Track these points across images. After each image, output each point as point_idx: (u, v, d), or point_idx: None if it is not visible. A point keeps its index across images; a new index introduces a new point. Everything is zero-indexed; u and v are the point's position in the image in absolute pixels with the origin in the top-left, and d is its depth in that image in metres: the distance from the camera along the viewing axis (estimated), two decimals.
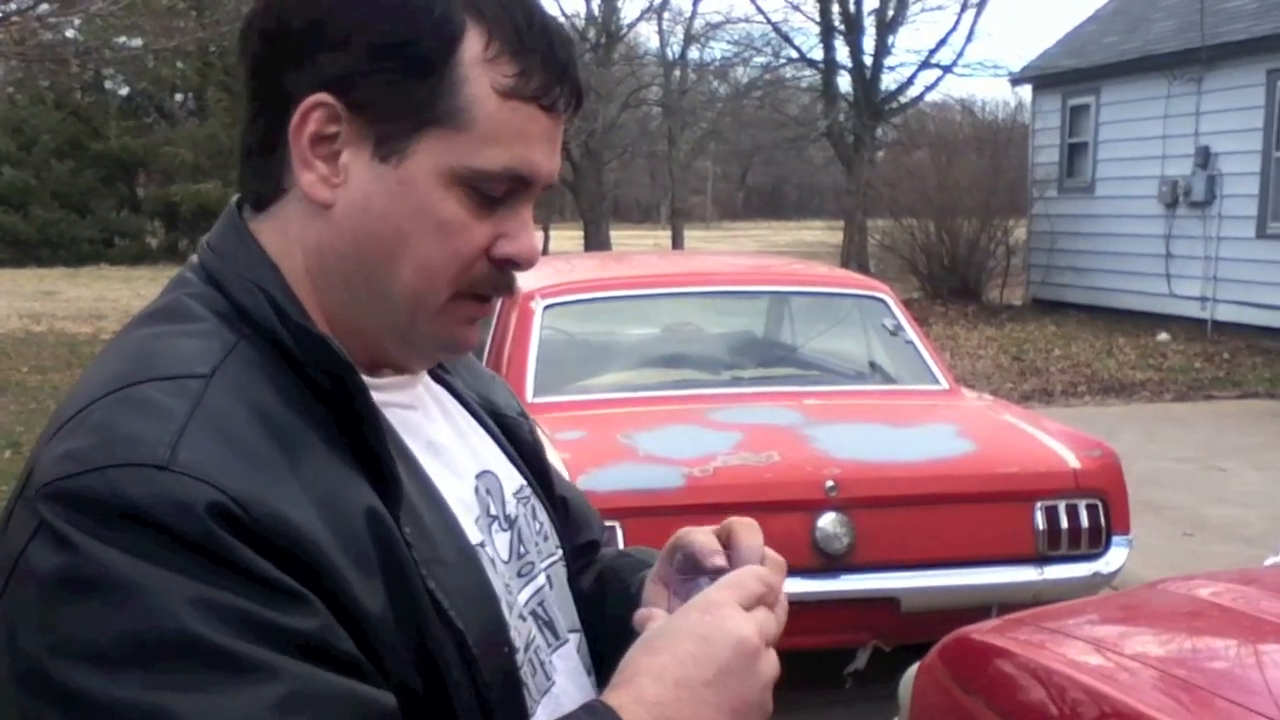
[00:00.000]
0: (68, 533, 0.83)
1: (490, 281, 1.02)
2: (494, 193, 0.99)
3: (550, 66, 0.99)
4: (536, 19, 0.99)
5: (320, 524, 0.89)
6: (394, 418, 1.03)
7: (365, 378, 1.00)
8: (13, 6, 10.42)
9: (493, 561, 1.06)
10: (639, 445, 4.42)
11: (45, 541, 0.84)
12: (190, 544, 0.83)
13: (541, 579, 1.15)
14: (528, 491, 1.18)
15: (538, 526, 1.17)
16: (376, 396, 0.99)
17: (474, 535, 1.06)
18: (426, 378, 1.15)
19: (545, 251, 24.88)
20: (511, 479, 1.17)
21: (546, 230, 28.13)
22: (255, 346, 0.96)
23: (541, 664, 1.09)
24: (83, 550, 0.82)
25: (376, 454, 0.96)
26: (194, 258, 1.05)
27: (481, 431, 1.18)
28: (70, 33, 14.38)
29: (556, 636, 1.14)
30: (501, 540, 1.10)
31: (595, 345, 5.77)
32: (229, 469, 0.87)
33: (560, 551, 1.20)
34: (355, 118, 0.97)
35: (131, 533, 0.83)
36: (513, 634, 1.03)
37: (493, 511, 1.11)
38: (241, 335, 0.96)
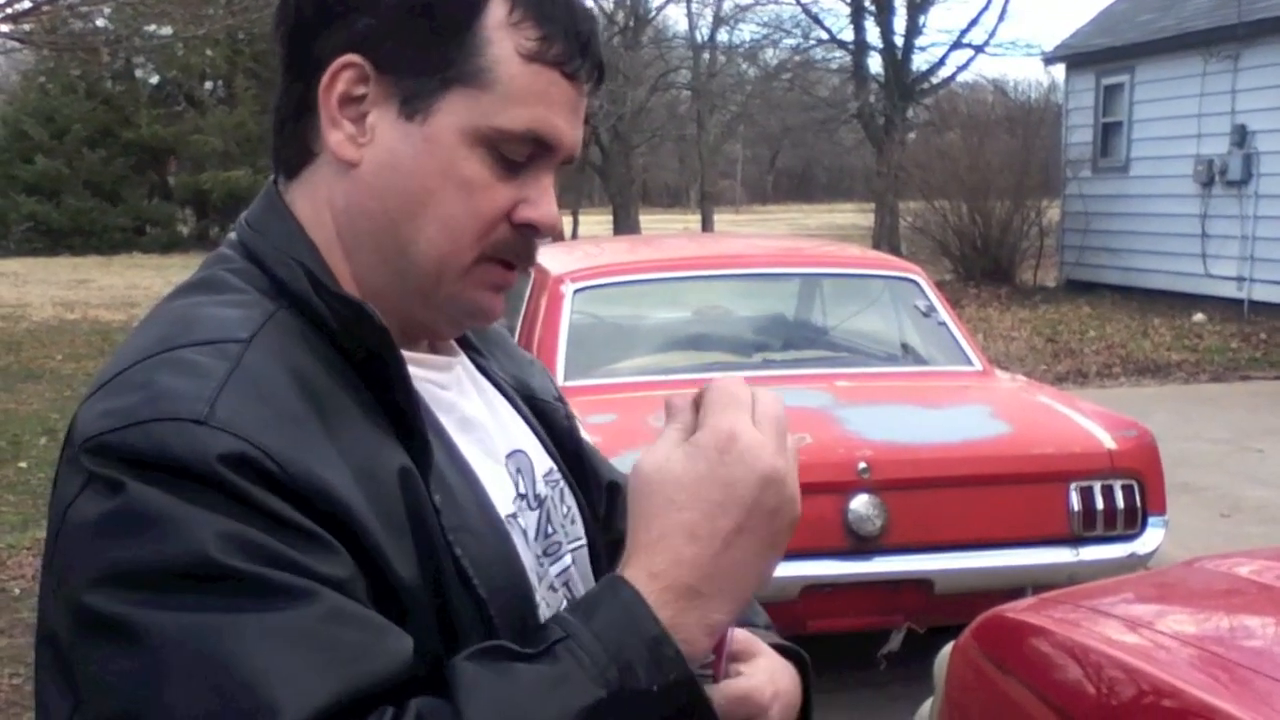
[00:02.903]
0: (114, 478, 0.86)
1: (512, 247, 1.04)
2: (516, 156, 1.01)
3: (572, 36, 1.02)
4: None
5: (355, 486, 0.91)
6: (428, 393, 1.04)
7: (403, 351, 1.01)
8: None
9: (525, 532, 1.07)
10: None
11: (94, 490, 0.87)
12: (225, 491, 0.85)
13: (567, 559, 1.15)
14: (557, 475, 1.18)
15: (565, 510, 1.17)
16: (412, 370, 1.01)
17: (505, 509, 1.06)
18: (464, 359, 1.16)
19: (574, 236, 24.92)
20: (542, 461, 1.17)
21: (575, 215, 28.16)
22: (294, 317, 0.99)
23: None
24: (127, 490, 0.85)
25: (406, 414, 0.98)
26: (232, 234, 1.07)
27: (514, 413, 1.19)
28: (100, 21, 14.47)
29: None
30: (529, 519, 1.11)
31: (625, 328, 5.76)
32: (266, 426, 0.89)
33: (586, 538, 1.20)
34: (382, 77, 1.00)
35: (169, 479, 0.85)
36: (541, 608, 1.03)
37: (522, 490, 1.11)
38: (280, 306, 0.99)
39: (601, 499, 1.29)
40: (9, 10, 10.05)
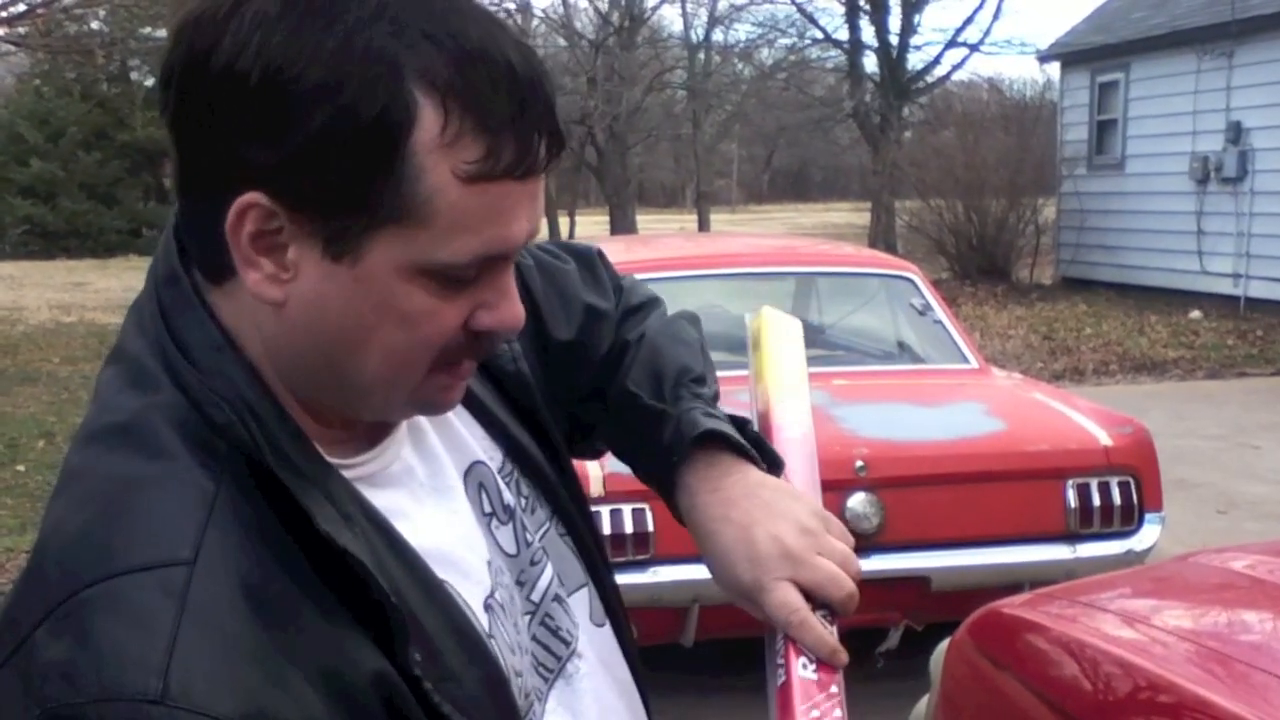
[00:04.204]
0: None
1: (469, 351, 0.93)
2: (465, 276, 0.88)
3: (522, 132, 0.85)
4: (502, 73, 0.85)
5: (324, 711, 0.83)
6: (383, 489, 0.96)
7: (351, 461, 0.94)
8: None
9: (503, 607, 1.01)
10: None
11: None
12: None
13: (549, 569, 1.11)
14: (510, 466, 1.11)
15: (523, 503, 1.11)
16: (365, 472, 0.95)
17: (482, 586, 1.00)
18: None
19: (571, 236, 24.89)
20: (493, 455, 1.10)
21: (572, 215, 28.15)
22: (236, 493, 0.86)
23: (563, 671, 1.08)
24: None
25: (380, 605, 0.88)
26: (156, 329, 0.91)
27: (461, 406, 1.09)
28: (95, 24, 14.48)
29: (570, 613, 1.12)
30: (505, 535, 1.06)
31: None
32: (224, 688, 0.79)
33: (552, 508, 1.15)
34: (296, 215, 0.84)
35: None
36: (517, 681, 0.99)
37: (488, 509, 1.05)
38: (219, 479, 0.86)
39: (563, 369, 1.22)
40: (4, 13, 10.05)
